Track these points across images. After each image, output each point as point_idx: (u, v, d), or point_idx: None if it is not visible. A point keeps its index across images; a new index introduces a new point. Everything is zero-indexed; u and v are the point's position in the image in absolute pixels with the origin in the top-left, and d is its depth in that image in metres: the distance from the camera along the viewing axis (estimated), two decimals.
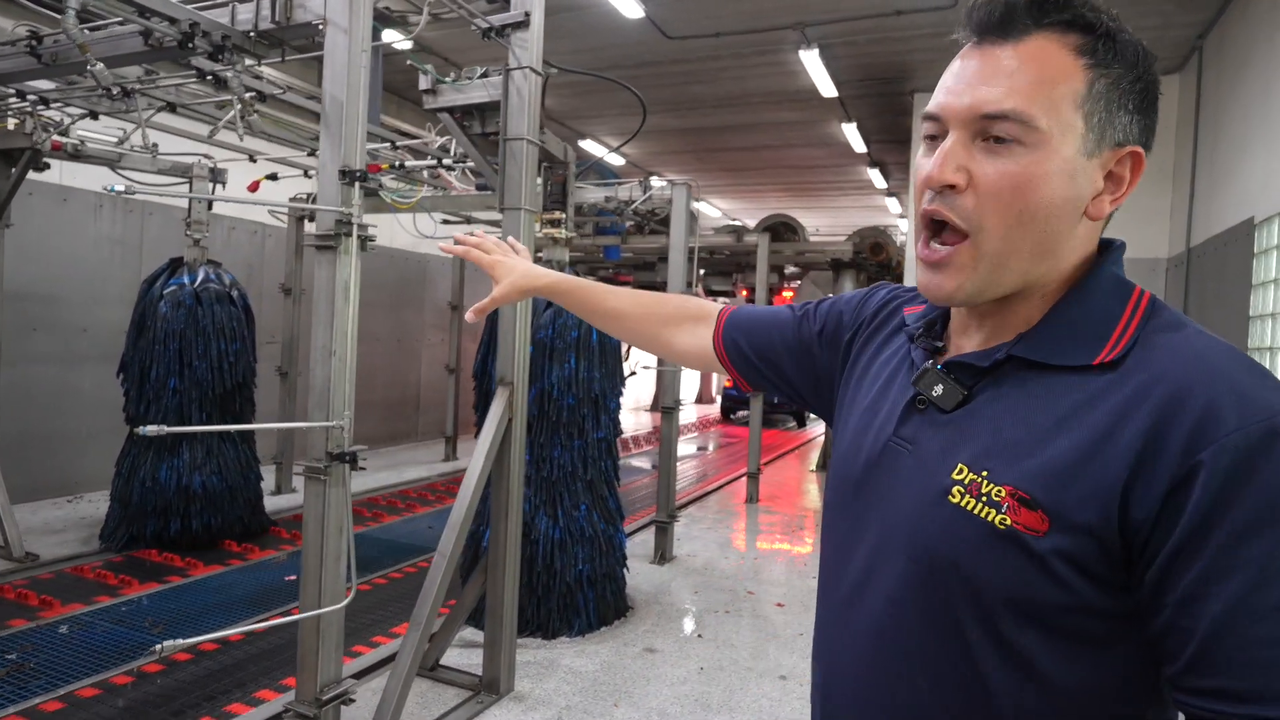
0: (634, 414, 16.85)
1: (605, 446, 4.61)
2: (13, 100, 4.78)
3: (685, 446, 12.58)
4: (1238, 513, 0.63)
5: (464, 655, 3.94)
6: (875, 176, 13.42)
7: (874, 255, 9.30)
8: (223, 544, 5.47)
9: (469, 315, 1.32)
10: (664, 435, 6.09)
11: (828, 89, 8.99)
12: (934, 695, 0.78)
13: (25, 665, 3.61)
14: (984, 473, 0.75)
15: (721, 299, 10.76)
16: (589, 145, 11.88)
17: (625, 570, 4.76)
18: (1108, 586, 0.69)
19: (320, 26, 2.78)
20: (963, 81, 0.78)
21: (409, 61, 3.38)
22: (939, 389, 0.82)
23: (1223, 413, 0.66)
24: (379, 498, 7.40)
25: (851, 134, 10.87)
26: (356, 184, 2.73)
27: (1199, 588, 0.64)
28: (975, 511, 0.74)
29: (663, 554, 5.86)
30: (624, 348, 5.12)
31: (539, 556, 4.26)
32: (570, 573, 4.31)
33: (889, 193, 14.70)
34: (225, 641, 3.95)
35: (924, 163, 0.81)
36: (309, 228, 7.29)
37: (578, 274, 4.80)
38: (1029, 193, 0.75)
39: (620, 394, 4.78)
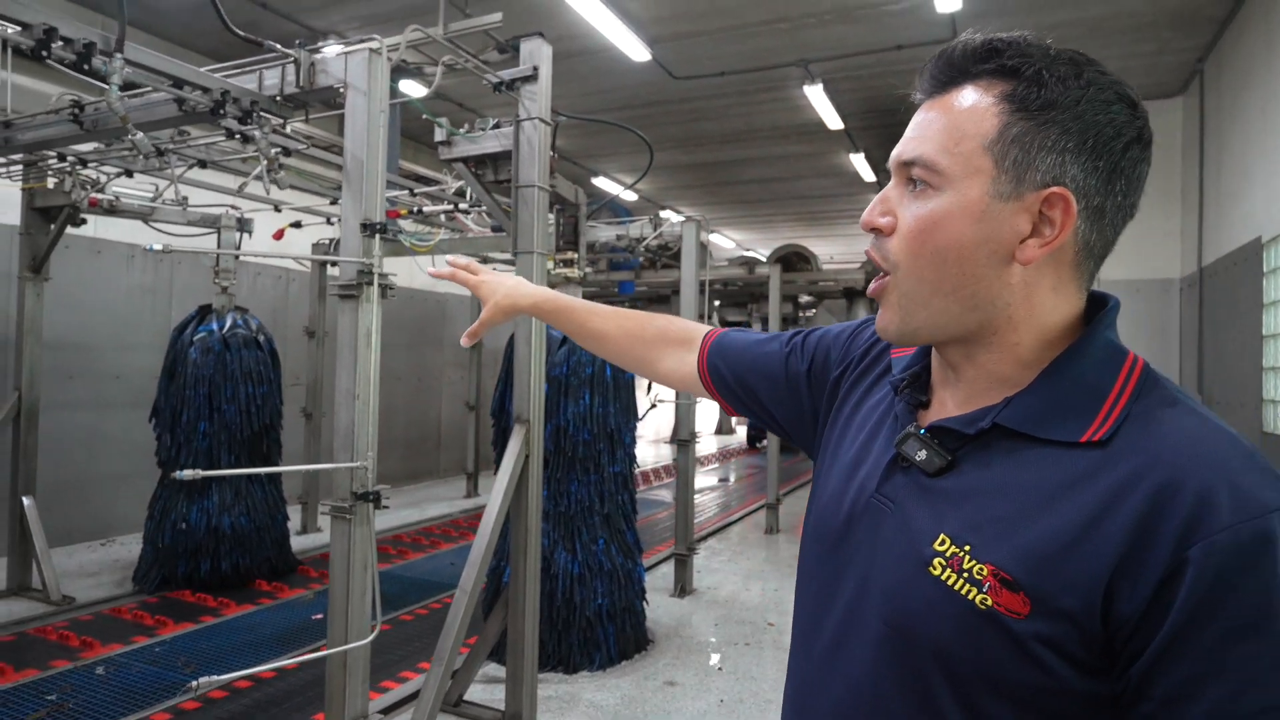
0: (654, 446, 16.87)
1: (622, 481, 4.68)
2: (52, 161, 5.03)
3: (706, 478, 12.59)
4: (1225, 618, 0.63)
5: (487, 690, 4.01)
6: None
7: None
8: (252, 584, 5.59)
9: (463, 341, 1.31)
10: (680, 468, 6.15)
11: (834, 122, 9.17)
12: None
13: (64, 706, 3.73)
14: (966, 547, 0.75)
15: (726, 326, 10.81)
16: (601, 182, 12.11)
17: (645, 603, 4.81)
18: (1087, 671, 0.69)
19: (341, 90, 2.96)
20: (904, 135, 0.84)
21: (424, 115, 3.55)
22: (922, 454, 0.82)
23: (1216, 508, 0.65)
24: (402, 535, 7.50)
25: (860, 164, 11.03)
26: (377, 236, 2.88)
27: (1186, 688, 0.65)
28: (956, 588, 0.74)
29: (683, 587, 5.89)
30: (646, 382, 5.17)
31: (558, 591, 4.33)
32: (590, 607, 4.37)
33: None
34: (257, 679, 4.04)
35: None
36: (332, 272, 7.55)
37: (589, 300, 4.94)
38: (935, 233, 0.78)
39: (635, 428, 4.87)
